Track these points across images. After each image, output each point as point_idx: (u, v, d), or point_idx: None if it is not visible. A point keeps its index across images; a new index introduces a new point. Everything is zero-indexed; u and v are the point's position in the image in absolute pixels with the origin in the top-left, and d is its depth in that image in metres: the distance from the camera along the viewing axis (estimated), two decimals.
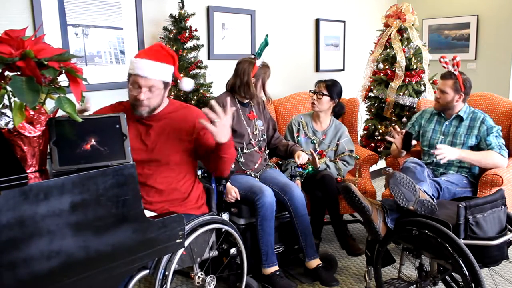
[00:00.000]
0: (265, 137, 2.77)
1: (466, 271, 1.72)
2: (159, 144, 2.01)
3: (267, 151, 2.83)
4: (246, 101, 2.70)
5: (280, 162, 3.01)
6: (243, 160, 2.65)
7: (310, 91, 3.06)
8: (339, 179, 2.95)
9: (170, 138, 2.01)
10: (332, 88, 2.99)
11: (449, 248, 1.77)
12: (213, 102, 1.87)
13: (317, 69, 4.23)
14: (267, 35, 2.69)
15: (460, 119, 2.78)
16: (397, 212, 2.08)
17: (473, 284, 1.72)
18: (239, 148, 2.63)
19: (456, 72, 2.77)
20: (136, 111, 1.96)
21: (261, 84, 2.64)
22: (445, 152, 2.48)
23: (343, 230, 2.88)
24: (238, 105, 2.66)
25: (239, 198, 2.43)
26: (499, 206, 1.94)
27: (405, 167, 2.32)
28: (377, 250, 2.09)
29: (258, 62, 2.61)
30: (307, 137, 3.05)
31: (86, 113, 1.91)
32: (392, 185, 1.99)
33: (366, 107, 3.92)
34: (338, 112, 3.14)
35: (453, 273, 2.27)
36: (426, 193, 2.07)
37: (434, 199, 2.06)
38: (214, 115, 1.83)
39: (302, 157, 2.64)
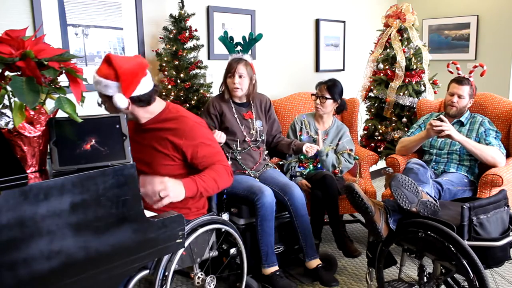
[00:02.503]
0: (263, 138, 2.77)
1: (471, 273, 1.72)
2: (147, 157, 1.97)
3: (266, 152, 2.83)
4: (243, 100, 2.71)
5: (281, 163, 3.01)
6: (240, 158, 2.65)
7: (312, 94, 3.04)
8: (337, 171, 2.95)
9: (155, 151, 1.95)
10: (333, 89, 2.98)
11: (453, 250, 1.76)
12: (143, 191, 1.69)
13: (317, 69, 4.23)
14: (252, 34, 2.73)
15: (460, 123, 2.85)
16: (399, 213, 2.08)
17: (478, 285, 1.71)
18: (233, 146, 2.64)
19: (471, 79, 2.86)
20: None
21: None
22: (449, 126, 2.58)
23: (341, 231, 2.88)
24: (232, 104, 2.67)
25: (222, 141, 2.44)
26: (502, 206, 1.93)
27: (408, 168, 2.31)
28: (380, 249, 2.08)
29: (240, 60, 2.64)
30: (309, 135, 3.06)
31: None
32: (394, 188, 1.98)
33: (366, 107, 3.92)
34: (341, 109, 3.14)
35: (454, 274, 2.27)
36: (429, 195, 2.06)
37: (437, 200, 2.06)
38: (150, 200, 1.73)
39: (312, 149, 2.64)
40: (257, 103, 2.76)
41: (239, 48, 2.76)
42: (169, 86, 2.91)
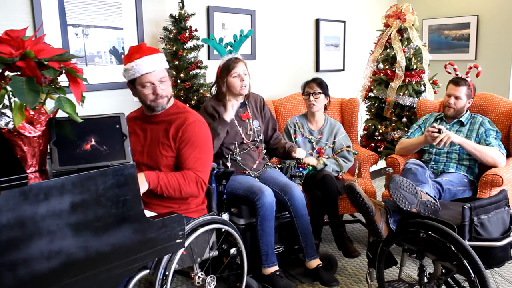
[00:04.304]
0: (261, 137, 2.76)
1: (472, 273, 1.71)
2: (149, 148, 2.05)
3: (264, 151, 2.82)
4: (239, 101, 2.70)
5: (279, 166, 3.01)
6: (240, 159, 2.65)
7: (304, 94, 3.06)
8: (340, 177, 2.95)
9: (157, 142, 2.04)
10: (323, 84, 3.04)
11: (454, 250, 1.76)
12: None
13: (317, 69, 4.23)
14: (242, 31, 2.73)
15: (460, 123, 2.85)
16: (399, 213, 2.07)
17: (479, 286, 1.71)
18: (232, 147, 2.63)
19: (468, 79, 2.85)
20: (156, 108, 2.05)
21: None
22: (445, 134, 2.58)
23: (340, 231, 2.88)
24: None
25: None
26: (503, 206, 1.93)
27: (406, 169, 2.31)
28: (381, 249, 2.08)
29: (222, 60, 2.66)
30: (304, 137, 3.06)
31: None
32: (393, 189, 1.98)
33: (366, 107, 3.92)
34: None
35: (454, 275, 2.27)
36: (428, 195, 2.06)
37: (437, 199, 2.06)
38: None
39: (299, 151, 2.66)
40: (252, 103, 2.76)
41: (229, 48, 2.77)
42: None
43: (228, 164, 2.63)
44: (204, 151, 2.04)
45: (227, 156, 2.64)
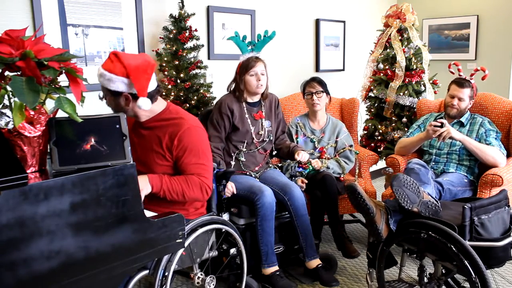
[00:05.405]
0: (271, 138, 2.75)
1: (473, 274, 1.71)
2: (142, 155, 2.00)
3: (274, 152, 2.81)
4: (255, 100, 2.70)
5: (280, 164, 3.01)
6: (244, 160, 2.65)
7: (306, 94, 3.05)
8: (342, 178, 2.95)
9: (151, 150, 1.98)
10: (323, 83, 3.04)
11: (455, 250, 1.76)
12: None
13: (317, 69, 4.23)
14: (267, 32, 2.70)
15: (460, 124, 2.85)
16: (400, 213, 2.07)
17: (480, 286, 1.71)
18: (240, 147, 2.63)
19: (472, 81, 2.85)
20: None
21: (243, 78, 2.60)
22: (449, 128, 2.58)
23: (340, 231, 2.88)
24: (244, 103, 2.65)
25: (235, 192, 2.42)
26: (503, 206, 1.93)
27: (409, 168, 2.31)
28: (381, 249, 2.08)
29: (243, 58, 2.64)
30: (306, 137, 3.06)
31: None
32: (396, 187, 1.98)
33: (366, 107, 3.92)
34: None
35: (455, 275, 2.27)
36: (430, 195, 2.06)
37: (438, 200, 2.06)
38: None
39: (302, 155, 2.65)
40: (266, 102, 2.75)
41: (251, 47, 2.76)
42: (169, 86, 2.91)
43: (232, 162, 2.63)
44: (204, 157, 1.99)
45: (232, 154, 2.64)
